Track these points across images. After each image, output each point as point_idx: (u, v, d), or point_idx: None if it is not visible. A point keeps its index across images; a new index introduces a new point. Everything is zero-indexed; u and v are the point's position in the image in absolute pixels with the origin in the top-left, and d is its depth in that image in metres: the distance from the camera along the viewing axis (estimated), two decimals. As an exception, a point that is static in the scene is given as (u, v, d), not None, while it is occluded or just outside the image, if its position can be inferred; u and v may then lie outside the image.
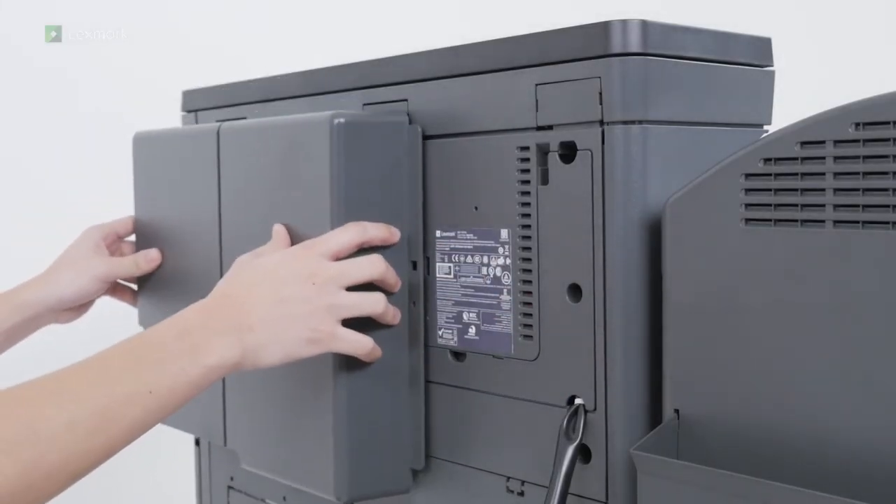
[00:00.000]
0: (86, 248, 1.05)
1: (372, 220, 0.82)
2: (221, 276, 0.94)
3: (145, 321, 1.08)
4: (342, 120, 0.80)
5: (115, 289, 1.10)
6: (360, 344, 0.80)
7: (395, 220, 0.84)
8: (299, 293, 0.76)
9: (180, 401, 0.71)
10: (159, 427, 1.09)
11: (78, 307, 1.08)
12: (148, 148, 1.07)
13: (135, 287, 1.10)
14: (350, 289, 0.79)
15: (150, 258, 1.05)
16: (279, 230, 0.85)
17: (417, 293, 0.85)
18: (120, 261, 1.06)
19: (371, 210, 0.82)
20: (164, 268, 1.05)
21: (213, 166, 0.95)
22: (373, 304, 0.80)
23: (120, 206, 1.38)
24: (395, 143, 0.84)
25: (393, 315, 0.83)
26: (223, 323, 0.74)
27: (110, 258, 1.06)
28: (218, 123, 0.95)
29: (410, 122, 0.85)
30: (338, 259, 0.79)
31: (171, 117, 1.21)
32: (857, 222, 0.61)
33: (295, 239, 0.85)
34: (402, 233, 0.84)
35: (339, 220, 0.80)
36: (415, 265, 0.86)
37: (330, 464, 0.82)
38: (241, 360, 0.74)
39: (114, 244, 1.10)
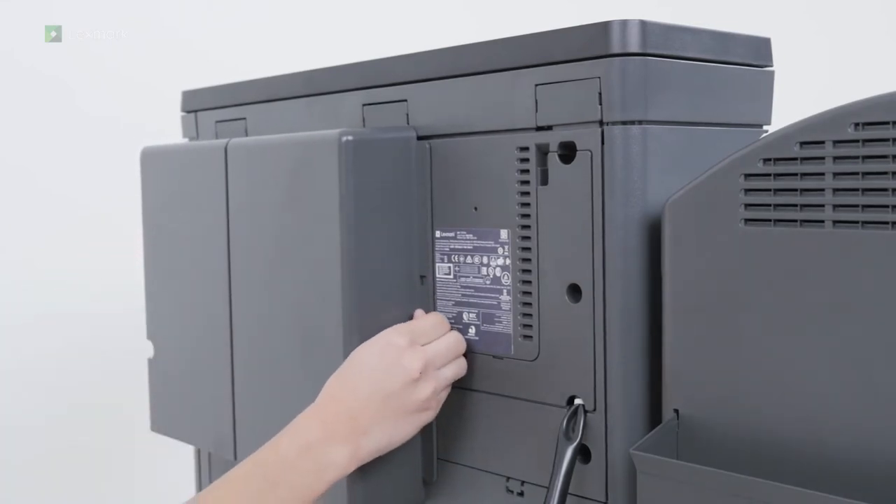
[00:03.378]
0: None
1: (381, 236, 0.82)
2: (230, 291, 0.95)
3: (153, 336, 1.08)
4: (350, 138, 0.80)
5: None
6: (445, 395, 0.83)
7: (404, 235, 0.84)
8: (403, 388, 0.77)
9: None
10: (159, 427, 1.10)
11: None
12: (155, 163, 1.07)
13: None
14: None
15: None
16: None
17: (427, 307, 0.86)
18: None
19: (380, 227, 0.82)
20: (172, 283, 1.05)
21: (220, 183, 0.95)
22: (460, 370, 0.83)
23: (120, 204, 1.38)
24: (403, 159, 0.84)
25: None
26: (341, 433, 0.76)
27: None
28: (225, 140, 0.95)
29: (417, 135, 0.85)
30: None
31: (170, 117, 1.21)
32: (857, 222, 0.61)
33: (304, 256, 0.85)
34: (409, 246, 0.85)
35: (348, 237, 0.81)
36: (423, 279, 0.86)
37: (343, 479, 0.81)
38: (357, 462, 0.77)
39: None
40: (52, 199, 1.57)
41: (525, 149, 0.77)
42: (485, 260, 0.81)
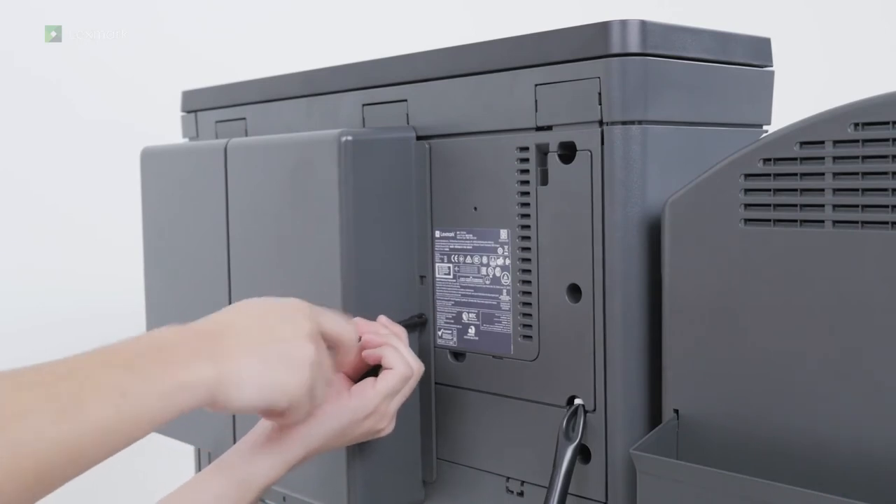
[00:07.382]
0: None
1: (380, 236, 0.82)
2: (230, 291, 0.95)
3: None
4: (350, 137, 0.81)
5: None
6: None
7: (404, 235, 0.84)
8: (288, 331, 0.68)
9: (153, 415, 0.60)
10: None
11: None
12: (155, 163, 1.07)
13: None
14: None
15: None
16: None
17: (427, 307, 0.86)
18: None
19: (380, 227, 0.82)
20: (172, 283, 1.05)
21: (220, 183, 0.95)
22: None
23: (120, 205, 1.38)
24: (402, 159, 0.84)
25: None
26: (202, 350, 0.63)
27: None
28: (225, 140, 0.95)
29: (417, 135, 0.85)
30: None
31: (170, 117, 1.21)
32: (857, 222, 0.61)
33: (304, 256, 0.85)
34: (409, 246, 0.84)
35: (347, 237, 0.81)
36: (423, 279, 0.86)
37: (343, 479, 0.82)
38: (215, 385, 0.63)
39: None
40: (52, 199, 1.57)
41: (525, 149, 0.77)
42: (484, 260, 0.81)
